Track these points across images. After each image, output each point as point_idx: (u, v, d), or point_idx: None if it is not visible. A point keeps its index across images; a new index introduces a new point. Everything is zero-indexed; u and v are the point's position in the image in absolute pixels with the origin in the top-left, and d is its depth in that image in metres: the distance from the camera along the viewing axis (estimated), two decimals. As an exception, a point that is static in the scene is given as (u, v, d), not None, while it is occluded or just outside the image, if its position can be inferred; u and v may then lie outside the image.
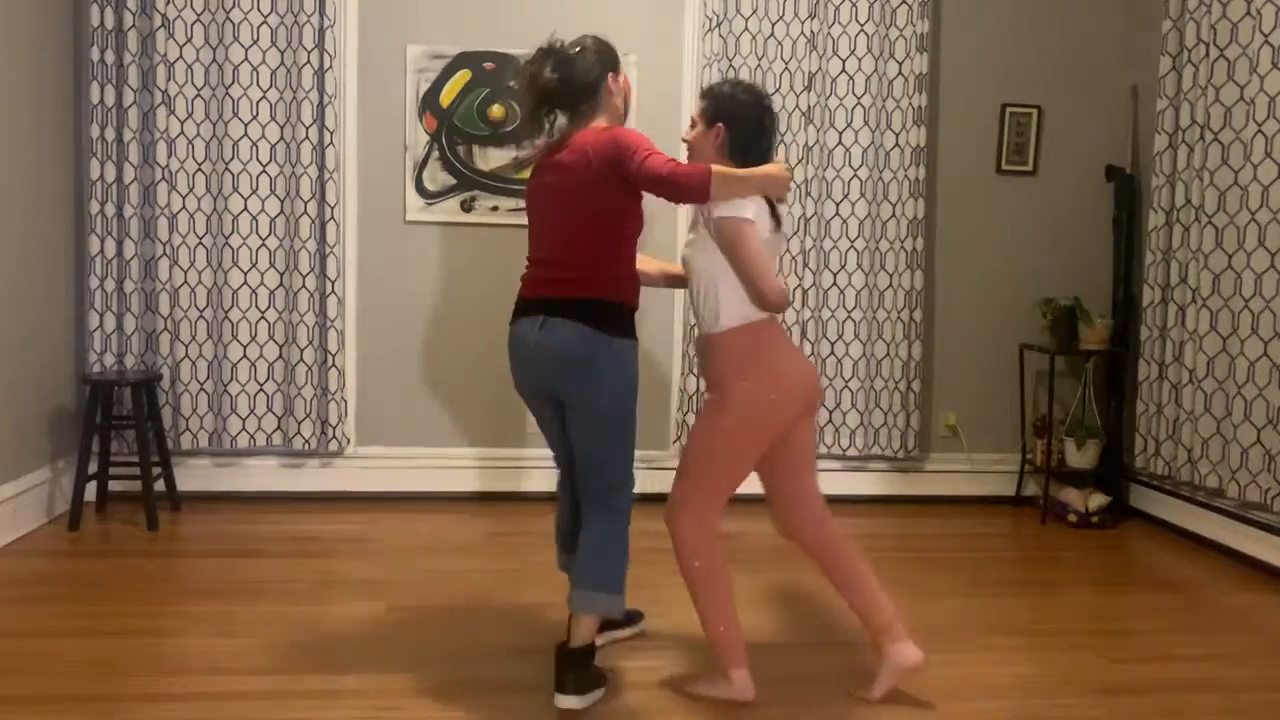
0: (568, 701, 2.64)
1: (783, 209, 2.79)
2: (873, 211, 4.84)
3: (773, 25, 4.73)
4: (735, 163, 2.73)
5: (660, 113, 4.74)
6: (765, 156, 2.78)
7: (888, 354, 4.88)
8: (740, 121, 2.76)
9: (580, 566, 2.73)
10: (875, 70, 4.79)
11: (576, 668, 2.67)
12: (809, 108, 4.74)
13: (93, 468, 4.38)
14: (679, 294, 4.84)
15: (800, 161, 4.76)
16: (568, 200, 2.70)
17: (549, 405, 2.83)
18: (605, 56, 2.80)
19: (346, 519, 4.45)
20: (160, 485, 4.45)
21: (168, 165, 4.48)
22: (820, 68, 4.75)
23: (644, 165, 2.57)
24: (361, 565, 3.86)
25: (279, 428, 4.67)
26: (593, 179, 2.65)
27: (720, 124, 2.76)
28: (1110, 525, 4.66)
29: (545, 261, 2.76)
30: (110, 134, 4.45)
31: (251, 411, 4.64)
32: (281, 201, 4.57)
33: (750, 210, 2.62)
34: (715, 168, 2.56)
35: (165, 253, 4.52)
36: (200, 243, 4.57)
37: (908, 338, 4.84)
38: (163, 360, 4.57)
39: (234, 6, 4.47)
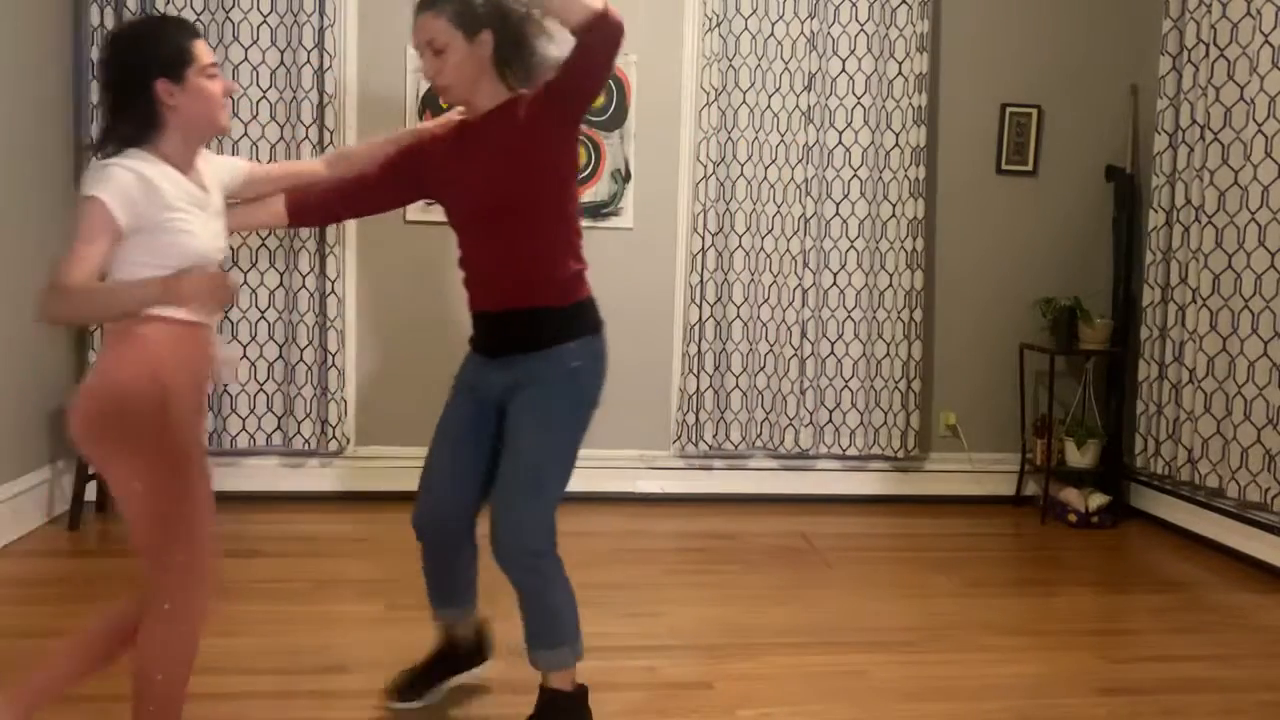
0: None
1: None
2: (873, 211, 4.84)
3: (773, 25, 4.73)
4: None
5: (660, 113, 4.74)
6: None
7: (888, 354, 4.88)
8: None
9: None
10: (875, 70, 4.79)
11: None
12: (809, 108, 4.74)
13: (93, 468, 4.37)
14: (678, 295, 4.84)
15: (800, 161, 4.77)
16: None
17: None
18: None
19: (346, 519, 4.45)
20: (160, 485, 4.44)
21: (168, 165, 4.47)
22: (820, 68, 4.75)
23: None
24: (361, 565, 3.86)
25: (279, 427, 4.67)
26: None
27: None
28: (1110, 525, 4.66)
29: None
30: (110, 134, 4.44)
31: (251, 411, 4.64)
32: (281, 201, 4.57)
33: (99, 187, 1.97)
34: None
35: (165, 253, 4.51)
36: (200, 243, 4.57)
37: (908, 338, 4.84)
38: (163, 360, 4.56)
39: (234, 6, 4.47)
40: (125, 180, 1.97)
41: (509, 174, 2.31)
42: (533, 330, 2.38)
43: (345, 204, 2.54)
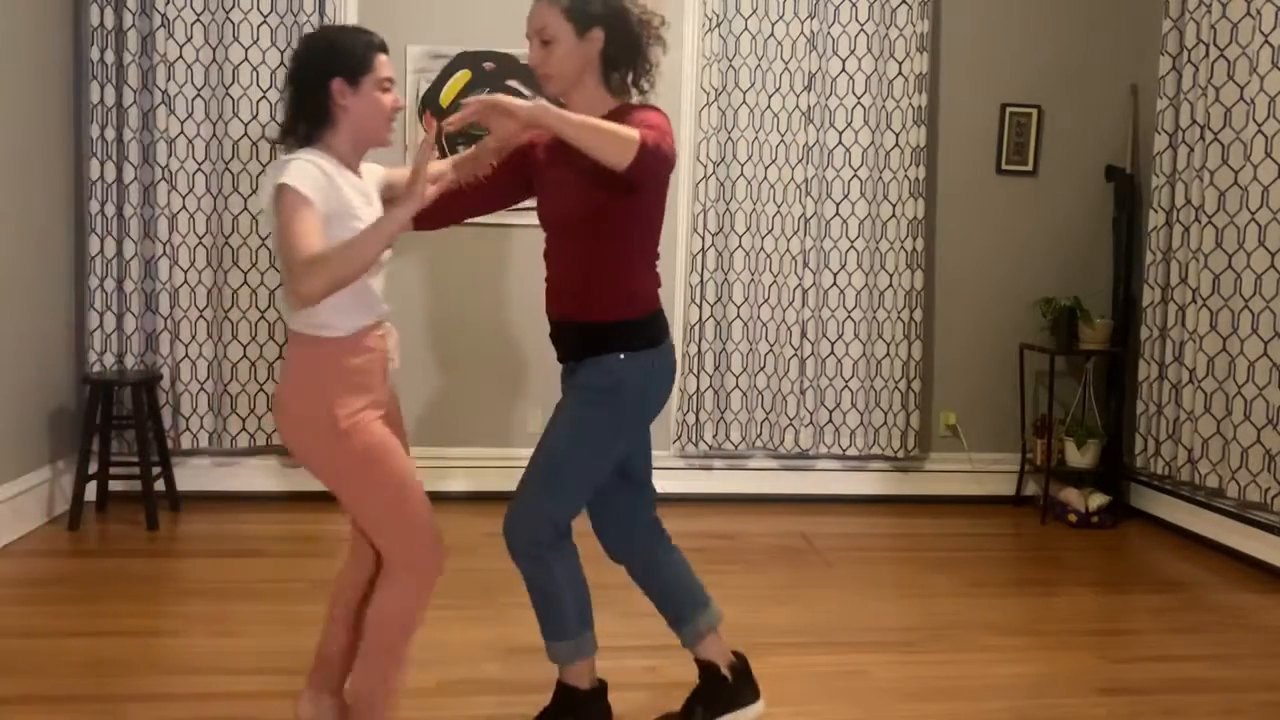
0: None
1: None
2: (873, 211, 4.85)
3: (773, 25, 4.73)
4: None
5: (660, 113, 4.74)
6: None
7: (888, 354, 4.88)
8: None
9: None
10: (875, 70, 4.79)
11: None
12: (809, 108, 4.74)
13: (93, 468, 4.37)
14: (678, 295, 4.85)
15: (800, 161, 4.77)
16: None
17: None
18: None
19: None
20: (160, 485, 4.45)
21: (168, 165, 4.48)
22: (820, 68, 4.75)
23: None
24: (361, 565, 3.86)
25: (279, 428, 4.66)
26: None
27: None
28: (1110, 525, 4.66)
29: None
30: (110, 134, 4.45)
31: (252, 411, 4.64)
32: (281, 201, 4.57)
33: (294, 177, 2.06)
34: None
35: (165, 253, 4.52)
36: (200, 243, 4.57)
37: (908, 338, 4.84)
38: (163, 360, 4.57)
39: (234, 6, 4.47)
40: (310, 170, 2.07)
41: (596, 188, 2.27)
42: (585, 339, 2.38)
43: (463, 208, 2.54)
